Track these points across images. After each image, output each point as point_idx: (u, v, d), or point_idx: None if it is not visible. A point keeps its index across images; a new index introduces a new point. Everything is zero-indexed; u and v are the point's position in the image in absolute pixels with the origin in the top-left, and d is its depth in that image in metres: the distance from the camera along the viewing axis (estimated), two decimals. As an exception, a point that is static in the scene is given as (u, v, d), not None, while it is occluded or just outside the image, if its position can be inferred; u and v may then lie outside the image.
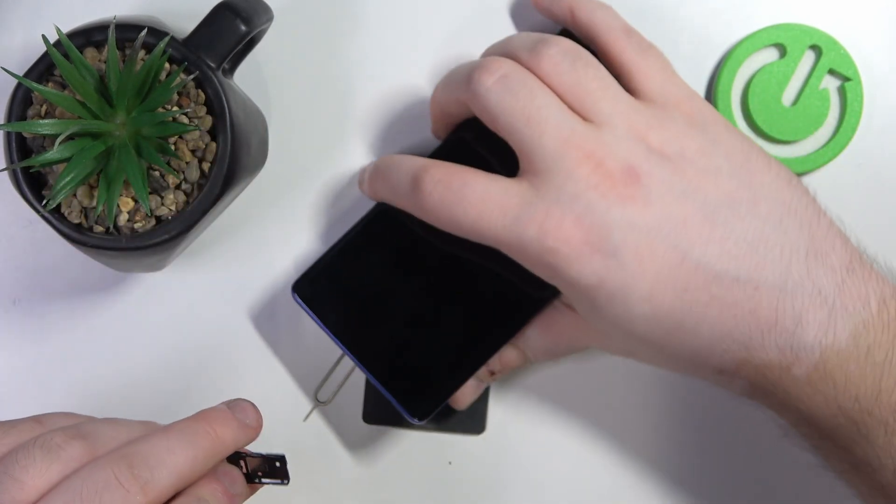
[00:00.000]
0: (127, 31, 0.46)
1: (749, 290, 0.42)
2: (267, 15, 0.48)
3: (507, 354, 0.51)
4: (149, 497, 0.36)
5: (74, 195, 0.46)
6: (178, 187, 0.47)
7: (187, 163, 0.47)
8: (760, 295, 0.42)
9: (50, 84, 0.46)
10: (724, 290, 0.42)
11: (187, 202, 0.47)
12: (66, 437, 0.37)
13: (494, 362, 0.51)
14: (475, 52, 0.54)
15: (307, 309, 0.52)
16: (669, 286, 0.42)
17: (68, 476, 0.36)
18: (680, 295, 0.42)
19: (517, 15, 0.54)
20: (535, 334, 0.50)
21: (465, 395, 0.51)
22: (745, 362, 0.42)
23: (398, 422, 0.54)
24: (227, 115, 0.46)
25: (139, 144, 0.45)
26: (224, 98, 0.46)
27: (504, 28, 0.54)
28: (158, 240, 0.46)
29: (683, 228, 0.42)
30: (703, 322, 0.42)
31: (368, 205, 0.54)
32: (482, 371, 0.51)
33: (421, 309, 0.52)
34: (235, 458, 0.42)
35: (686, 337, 0.42)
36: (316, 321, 0.53)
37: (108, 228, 0.46)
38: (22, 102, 0.46)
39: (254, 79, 0.53)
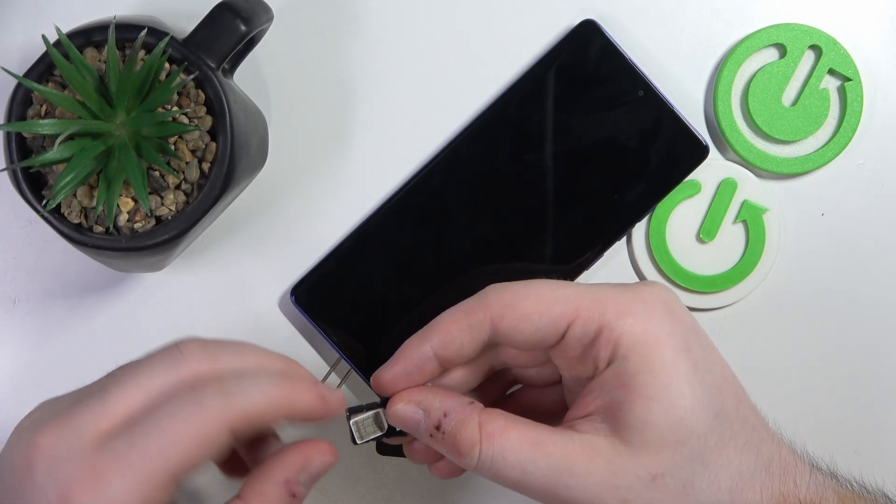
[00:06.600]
0: (127, 31, 0.46)
1: None
2: (267, 15, 0.48)
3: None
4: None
5: (74, 195, 0.46)
6: (178, 187, 0.47)
7: (187, 163, 0.47)
8: None
9: (50, 84, 0.46)
10: None
11: (187, 202, 0.47)
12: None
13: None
14: (475, 51, 0.54)
15: (305, 314, 0.53)
16: None
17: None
18: None
19: (516, 13, 0.54)
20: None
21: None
22: None
23: None
24: (227, 115, 0.46)
25: (139, 144, 0.45)
26: (224, 98, 0.46)
27: (504, 26, 0.54)
28: (158, 240, 0.46)
29: None
30: None
31: (366, 209, 0.54)
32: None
33: (416, 314, 0.53)
34: None
35: None
36: (314, 326, 0.53)
37: (108, 228, 0.46)
38: (22, 102, 0.46)
39: (254, 79, 0.53)
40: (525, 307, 0.41)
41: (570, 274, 0.53)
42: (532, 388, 0.46)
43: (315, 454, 0.41)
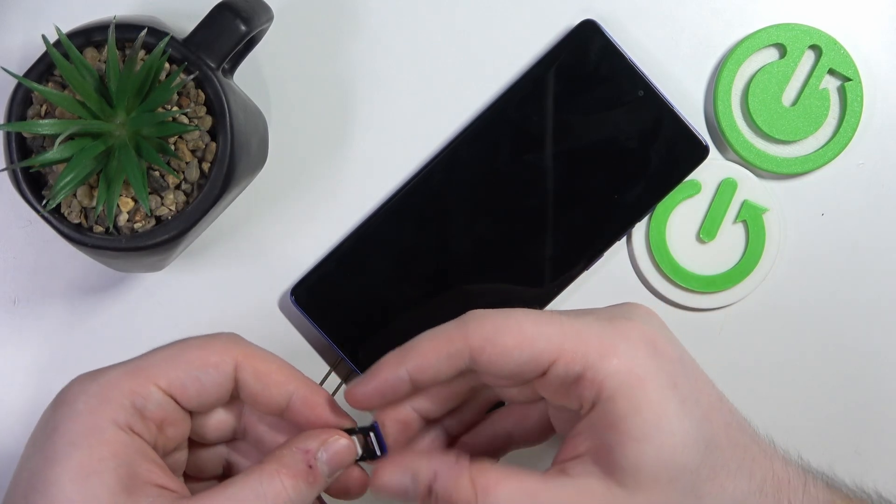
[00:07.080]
0: (127, 31, 0.46)
1: None
2: (267, 15, 0.48)
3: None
4: None
5: (74, 195, 0.46)
6: (178, 187, 0.47)
7: (187, 163, 0.47)
8: None
9: (50, 84, 0.46)
10: None
11: (187, 202, 0.47)
12: None
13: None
14: (475, 51, 0.54)
15: (305, 314, 0.53)
16: None
17: None
18: None
19: (516, 13, 0.54)
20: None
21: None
22: None
23: None
24: (227, 115, 0.46)
25: (139, 144, 0.45)
26: (224, 98, 0.46)
27: (504, 26, 0.54)
28: (158, 240, 0.46)
29: None
30: None
31: (366, 209, 0.54)
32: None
33: (417, 314, 0.53)
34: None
35: None
36: (314, 326, 0.53)
37: (108, 228, 0.46)
38: (22, 102, 0.46)
39: (254, 79, 0.53)
40: (506, 342, 0.41)
41: (570, 275, 0.53)
42: (516, 405, 0.46)
43: (335, 433, 0.42)
